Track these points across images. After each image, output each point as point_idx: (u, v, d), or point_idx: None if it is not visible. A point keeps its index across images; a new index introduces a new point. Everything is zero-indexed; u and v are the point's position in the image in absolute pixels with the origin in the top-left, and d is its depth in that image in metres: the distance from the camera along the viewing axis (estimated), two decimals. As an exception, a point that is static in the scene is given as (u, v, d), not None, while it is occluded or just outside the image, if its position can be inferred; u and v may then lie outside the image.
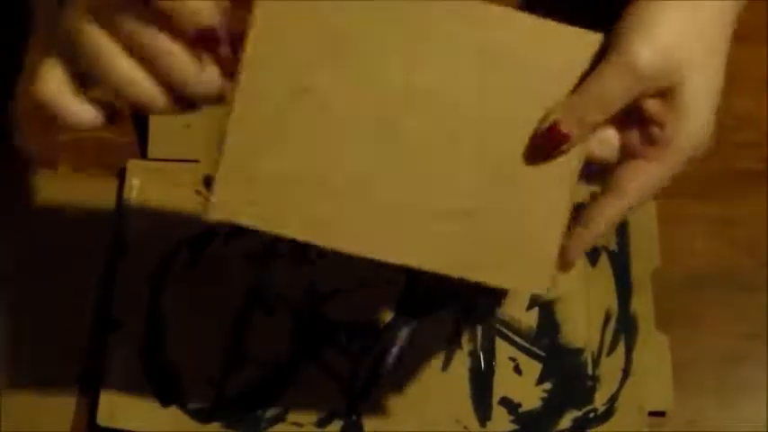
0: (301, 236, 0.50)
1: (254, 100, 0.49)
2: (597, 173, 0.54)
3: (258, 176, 0.49)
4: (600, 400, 0.65)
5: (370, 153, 0.51)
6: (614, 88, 0.51)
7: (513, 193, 0.52)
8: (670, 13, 0.53)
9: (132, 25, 0.47)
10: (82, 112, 0.49)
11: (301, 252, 0.67)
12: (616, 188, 0.52)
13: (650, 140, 0.52)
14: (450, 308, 0.67)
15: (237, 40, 0.48)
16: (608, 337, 0.66)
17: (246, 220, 0.50)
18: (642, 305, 0.67)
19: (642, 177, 0.52)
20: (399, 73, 0.50)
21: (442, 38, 0.51)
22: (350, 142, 0.50)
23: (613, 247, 0.68)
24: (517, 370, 0.65)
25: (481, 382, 0.65)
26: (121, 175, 0.68)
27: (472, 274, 0.52)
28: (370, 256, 0.51)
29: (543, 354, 0.66)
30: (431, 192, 0.52)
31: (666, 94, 0.51)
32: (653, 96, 0.51)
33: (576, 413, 0.65)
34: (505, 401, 0.65)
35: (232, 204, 0.49)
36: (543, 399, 0.65)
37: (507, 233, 0.52)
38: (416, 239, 0.51)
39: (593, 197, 0.53)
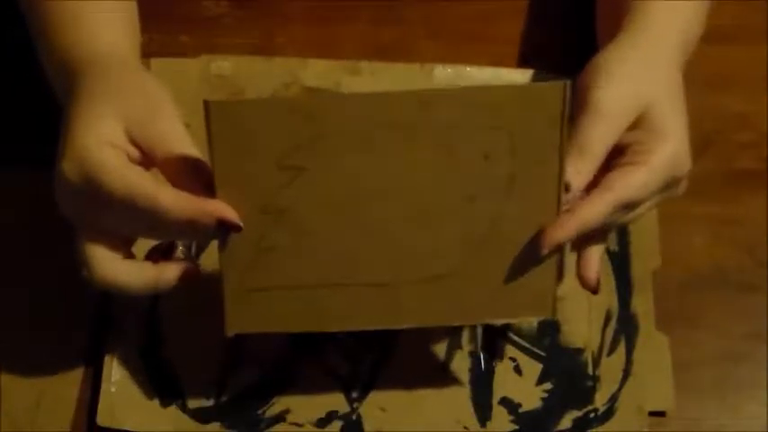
0: (307, 329, 0.59)
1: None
2: None
3: (259, 292, 0.57)
4: (600, 401, 0.65)
5: (353, 247, 0.56)
6: (593, 137, 0.56)
7: (499, 242, 0.57)
8: (627, 61, 0.59)
9: None
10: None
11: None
12: (604, 184, 0.56)
13: (634, 152, 0.57)
14: None
15: None
16: (608, 338, 0.66)
17: (258, 329, 0.59)
18: (642, 305, 0.67)
19: (628, 177, 0.56)
20: (363, 171, 0.55)
21: (397, 129, 0.54)
22: (332, 244, 0.56)
23: (613, 247, 0.68)
24: (517, 370, 0.65)
25: (481, 382, 0.65)
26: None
27: (474, 320, 0.61)
28: (372, 328, 0.59)
29: (543, 354, 0.66)
30: (414, 265, 0.57)
31: (638, 123, 0.57)
32: (629, 129, 0.57)
33: (576, 413, 0.65)
34: (505, 401, 0.65)
35: (244, 321, 0.58)
36: (543, 399, 0.65)
37: (500, 276, 0.58)
38: (411, 305, 0.58)
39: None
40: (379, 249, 0.57)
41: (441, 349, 0.65)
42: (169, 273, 0.56)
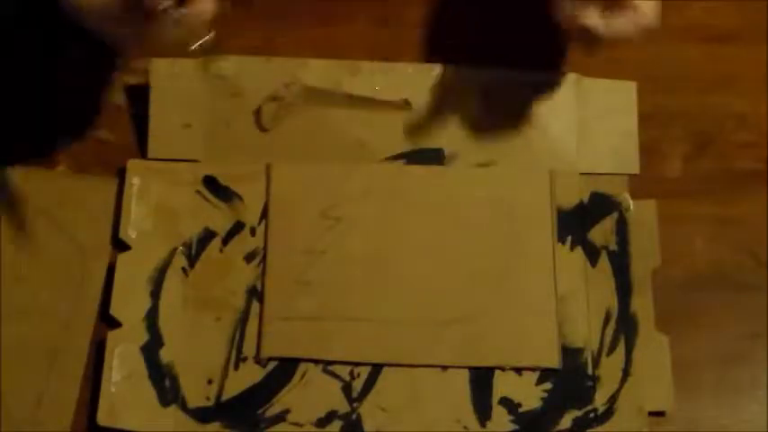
0: (340, 358, 0.64)
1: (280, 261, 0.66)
2: None
3: (291, 321, 0.65)
4: (600, 401, 0.65)
5: (377, 286, 0.66)
6: None
7: (505, 292, 0.66)
8: None
9: None
10: None
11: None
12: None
13: None
14: None
15: None
16: (608, 337, 0.66)
17: (288, 354, 0.64)
18: (642, 305, 0.67)
19: None
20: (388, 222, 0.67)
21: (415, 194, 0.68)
22: (359, 282, 0.66)
23: (613, 246, 0.68)
24: (517, 370, 0.65)
25: (481, 382, 0.65)
26: (121, 175, 0.68)
27: (486, 363, 0.65)
28: (396, 363, 0.65)
29: (543, 354, 0.66)
30: (431, 308, 0.66)
31: None
32: None
33: (576, 413, 0.65)
34: (505, 401, 0.65)
35: (276, 345, 0.65)
36: (543, 399, 0.65)
37: (510, 324, 0.66)
38: (425, 345, 0.65)
39: None
40: (400, 291, 0.66)
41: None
42: None
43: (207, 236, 0.67)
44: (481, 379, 0.65)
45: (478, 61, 0.71)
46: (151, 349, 0.64)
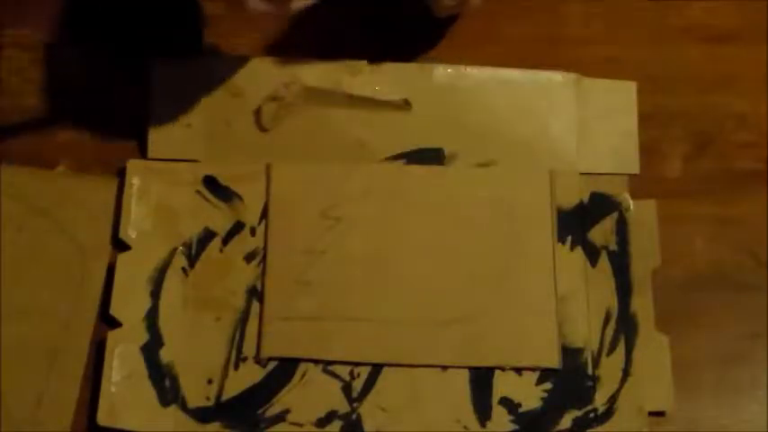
0: (340, 358, 0.64)
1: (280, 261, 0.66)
2: None
3: (291, 321, 0.65)
4: (600, 401, 0.65)
5: (376, 286, 0.66)
6: None
7: (505, 292, 0.66)
8: None
9: None
10: None
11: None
12: None
13: None
14: None
15: None
16: (608, 337, 0.66)
17: (288, 354, 0.64)
18: (642, 305, 0.67)
19: None
20: (388, 222, 0.67)
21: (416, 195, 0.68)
22: (358, 282, 0.66)
23: (613, 246, 0.68)
24: (517, 370, 0.65)
25: (481, 382, 0.65)
26: (121, 175, 0.68)
27: (486, 363, 0.65)
28: (396, 363, 0.65)
29: (543, 354, 0.66)
30: (430, 308, 0.65)
31: None
32: None
33: (576, 413, 0.65)
34: (505, 401, 0.65)
35: (276, 345, 0.64)
36: (543, 399, 0.65)
37: (510, 324, 0.66)
38: (424, 345, 0.65)
39: None
40: (400, 291, 0.66)
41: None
42: None
43: (207, 236, 0.67)
44: (481, 379, 0.65)
45: (479, 61, 0.71)
46: (151, 349, 0.64)
